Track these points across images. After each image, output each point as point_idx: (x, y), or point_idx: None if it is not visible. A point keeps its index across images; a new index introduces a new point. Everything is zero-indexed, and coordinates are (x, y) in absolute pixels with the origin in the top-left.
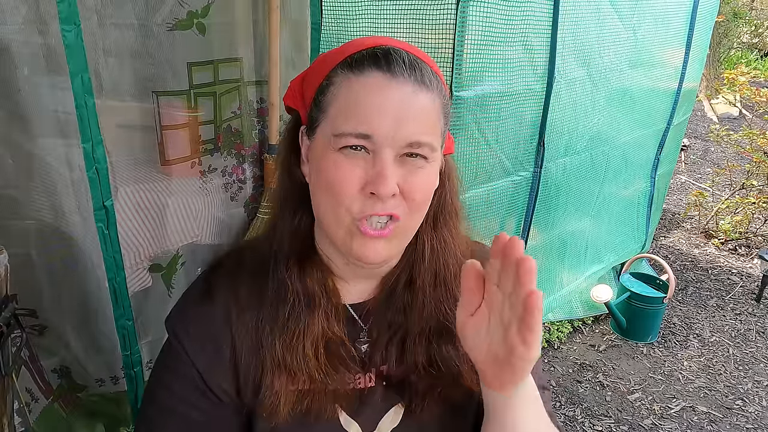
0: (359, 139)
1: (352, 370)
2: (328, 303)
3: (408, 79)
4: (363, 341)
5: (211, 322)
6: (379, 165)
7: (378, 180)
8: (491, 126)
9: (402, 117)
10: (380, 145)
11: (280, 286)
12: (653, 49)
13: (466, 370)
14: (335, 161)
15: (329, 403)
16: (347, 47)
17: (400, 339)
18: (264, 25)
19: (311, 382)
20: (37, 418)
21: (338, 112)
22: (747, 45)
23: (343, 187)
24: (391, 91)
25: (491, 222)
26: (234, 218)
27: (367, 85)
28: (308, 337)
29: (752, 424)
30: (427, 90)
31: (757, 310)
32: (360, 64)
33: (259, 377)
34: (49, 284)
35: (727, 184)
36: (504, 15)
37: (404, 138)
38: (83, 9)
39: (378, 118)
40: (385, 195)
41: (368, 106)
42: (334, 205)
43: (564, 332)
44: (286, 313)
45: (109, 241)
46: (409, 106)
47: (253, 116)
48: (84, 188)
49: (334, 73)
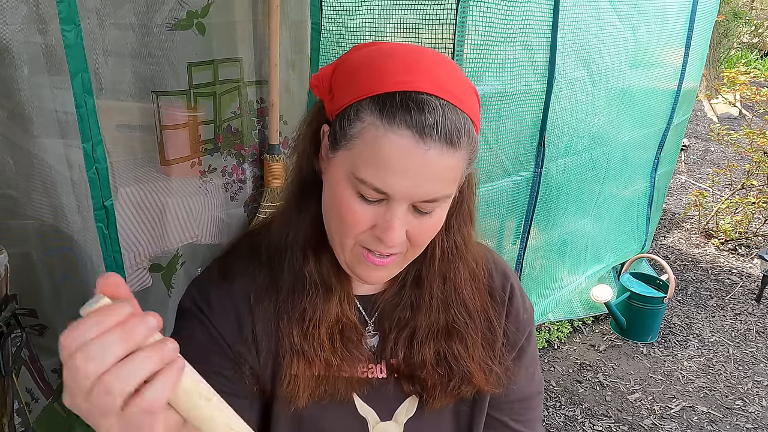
0: (377, 193)
1: (365, 354)
2: (342, 290)
3: (437, 143)
4: (371, 334)
5: (231, 298)
6: (389, 216)
7: (386, 231)
8: (491, 126)
9: (423, 178)
10: (396, 200)
11: (297, 276)
12: (653, 49)
13: (476, 371)
14: (351, 201)
15: (346, 390)
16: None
17: (408, 335)
18: (264, 25)
19: (328, 367)
20: (37, 418)
21: (361, 156)
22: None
23: (355, 224)
24: (417, 155)
25: (491, 222)
26: (234, 218)
27: (394, 145)
28: (323, 324)
29: (752, 424)
30: (455, 150)
31: (757, 310)
32: (392, 115)
33: (277, 364)
34: (49, 284)
35: (727, 184)
36: (504, 15)
37: (421, 196)
38: (83, 9)
39: (398, 179)
40: (390, 244)
41: (392, 166)
42: (341, 234)
43: (564, 332)
44: (303, 302)
45: (108, 240)
46: (433, 169)
47: (253, 116)
48: (84, 188)
49: (363, 108)
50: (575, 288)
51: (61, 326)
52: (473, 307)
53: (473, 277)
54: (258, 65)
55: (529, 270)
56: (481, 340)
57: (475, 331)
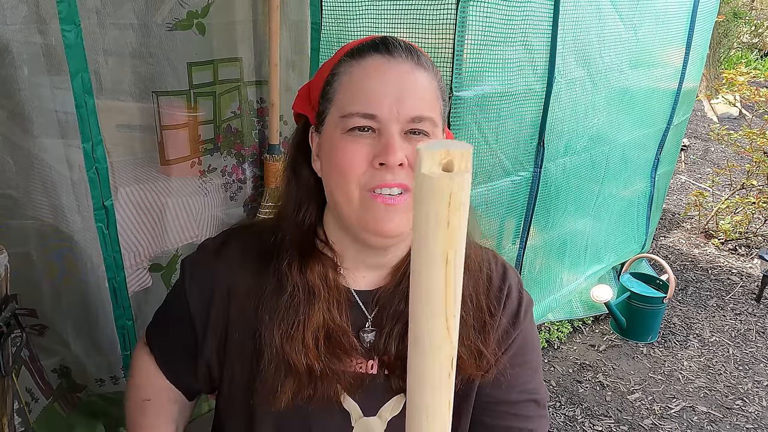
0: (365, 119)
1: (354, 357)
2: (330, 295)
3: (405, 59)
4: (368, 330)
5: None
6: (385, 138)
7: (386, 151)
8: (491, 126)
9: (403, 93)
10: (385, 122)
11: (281, 277)
12: (653, 49)
13: (464, 354)
14: (344, 142)
15: (331, 387)
16: (347, 46)
17: (403, 327)
18: (264, 25)
19: (311, 370)
20: (37, 418)
21: (344, 97)
22: (747, 45)
23: (353, 162)
24: (390, 71)
25: (491, 222)
26: (233, 218)
27: (368, 68)
28: (308, 328)
29: (752, 424)
30: (423, 69)
31: (757, 310)
32: (360, 51)
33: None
34: (49, 284)
35: (727, 184)
36: (504, 15)
37: (407, 113)
38: (83, 9)
39: (381, 96)
40: (394, 163)
41: (371, 87)
42: (344, 183)
43: (564, 332)
44: (285, 304)
45: (108, 240)
46: (408, 83)
47: (252, 116)
48: (84, 188)
49: (338, 65)
50: (575, 288)
51: (61, 326)
52: (464, 290)
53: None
54: (258, 65)
55: (528, 270)
56: (472, 320)
57: (467, 313)
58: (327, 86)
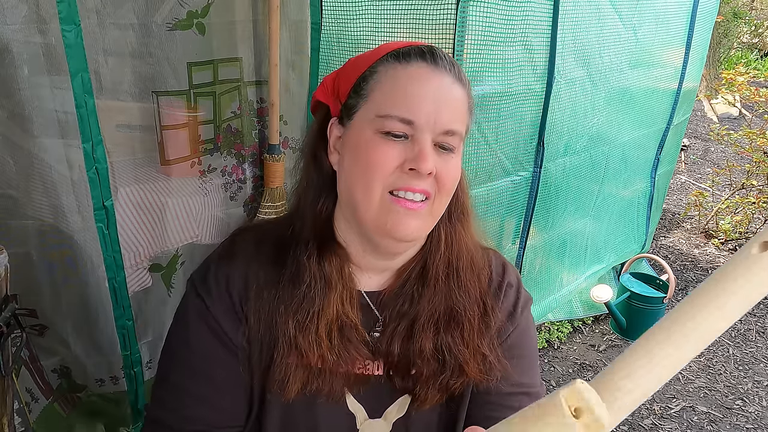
0: (403, 124)
1: (363, 354)
2: (344, 288)
3: (448, 72)
4: (378, 330)
5: (229, 278)
6: (419, 146)
7: (419, 158)
8: (491, 126)
9: (441, 104)
10: (421, 130)
11: (299, 268)
12: (653, 49)
13: (470, 358)
14: (376, 142)
15: (338, 385)
16: (385, 47)
17: (408, 325)
18: (264, 25)
19: (322, 362)
20: (37, 418)
21: (383, 96)
22: (747, 45)
23: (384, 162)
24: (433, 80)
25: (491, 222)
26: (233, 218)
27: (413, 74)
28: (322, 319)
29: (752, 424)
30: (461, 85)
31: (757, 310)
32: (406, 55)
33: (271, 353)
34: (49, 284)
35: (727, 184)
36: (504, 15)
37: (442, 125)
38: (83, 9)
39: (421, 103)
40: (425, 171)
41: (413, 92)
42: (368, 180)
43: (564, 332)
44: (301, 294)
45: (108, 240)
46: (447, 95)
47: (253, 116)
48: (84, 188)
49: (379, 63)
50: (575, 288)
51: (61, 326)
52: (473, 293)
53: (473, 264)
54: (258, 65)
55: (528, 270)
56: (478, 324)
57: (472, 315)
58: (362, 81)
